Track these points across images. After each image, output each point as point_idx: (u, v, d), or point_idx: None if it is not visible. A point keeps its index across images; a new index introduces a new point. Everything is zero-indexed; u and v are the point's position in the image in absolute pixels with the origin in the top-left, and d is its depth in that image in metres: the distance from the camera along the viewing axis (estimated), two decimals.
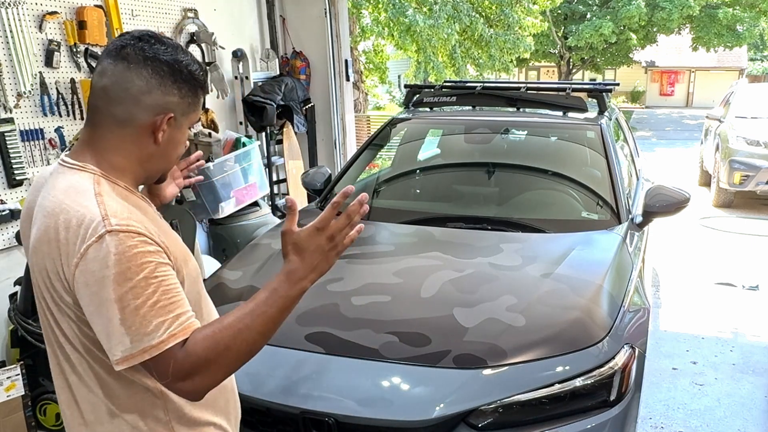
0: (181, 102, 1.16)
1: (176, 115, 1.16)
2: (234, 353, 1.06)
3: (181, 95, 1.15)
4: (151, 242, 1.05)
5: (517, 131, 3.61)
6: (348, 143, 5.68)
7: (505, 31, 11.97)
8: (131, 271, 1.02)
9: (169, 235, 1.17)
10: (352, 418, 1.75)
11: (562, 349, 1.90)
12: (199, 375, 1.04)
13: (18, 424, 2.81)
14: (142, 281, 1.02)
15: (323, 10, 5.19)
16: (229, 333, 1.05)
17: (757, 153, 7.04)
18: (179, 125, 1.18)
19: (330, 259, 1.14)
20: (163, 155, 1.19)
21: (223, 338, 1.05)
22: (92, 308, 1.03)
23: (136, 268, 1.02)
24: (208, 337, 1.04)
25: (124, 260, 1.01)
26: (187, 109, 1.18)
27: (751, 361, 3.60)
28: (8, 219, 2.98)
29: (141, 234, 1.05)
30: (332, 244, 1.13)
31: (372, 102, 17.89)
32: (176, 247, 1.15)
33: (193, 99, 1.18)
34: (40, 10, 3.11)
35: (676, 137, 16.66)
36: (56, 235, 1.06)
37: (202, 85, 1.20)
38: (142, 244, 1.04)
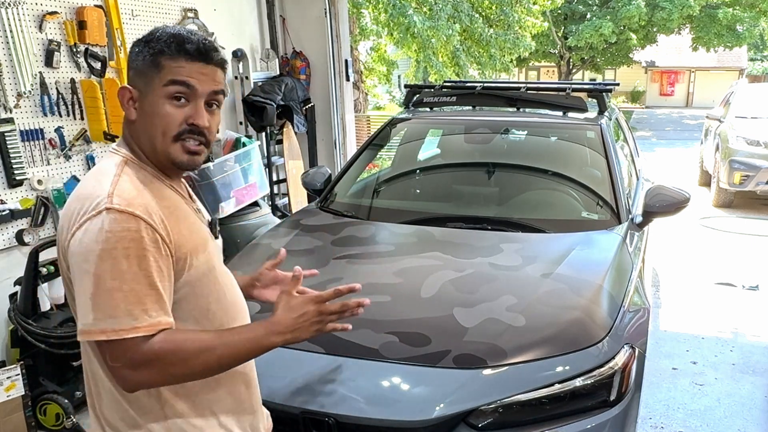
0: (138, 72, 1.18)
1: (136, 86, 1.18)
2: (188, 368, 1.11)
3: (136, 65, 1.18)
4: (148, 227, 1.07)
5: (517, 131, 3.61)
6: (348, 143, 5.68)
7: (505, 31, 11.97)
8: (117, 251, 1.04)
9: (184, 224, 1.18)
10: (352, 418, 1.75)
11: (562, 349, 1.90)
12: (148, 371, 1.07)
13: (18, 424, 2.81)
14: (123, 264, 1.04)
15: (323, 10, 5.19)
16: (194, 348, 1.10)
17: (757, 153, 7.04)
18: (144, 96, 1.17)
19: (309, 331, 1.19)
20: (143, 131, 1.18)
21: (186, 350, 1.09)
22: (74, 277, 1.08)
23: (122, 250, 1.04)
24: (175, 343, 1.08)
25: (113, 239, 1.04)
26: (146, 78, 1.16)
27: (751, 361, 3.60)
28: (8, 219, 2.98)
29: (138, 217, 1.06)
30: (318, 319, 1.19)
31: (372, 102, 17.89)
32: (188, 237, 1.17)
33: (151, 65, 1.16)
34: (40, 10, 3.11)
35: (676, 137, 16.66)
36: (70, 206, 1.13)
37: (161, 49, 1.15)
38: (137, 228, 1.06)
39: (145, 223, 1.07)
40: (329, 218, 2.98)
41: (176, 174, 1.26)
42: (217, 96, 1.21)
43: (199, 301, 1.20)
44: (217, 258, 1.30)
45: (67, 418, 2.90)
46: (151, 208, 1.10)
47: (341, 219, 2.95)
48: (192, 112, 1.17)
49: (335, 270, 2.39)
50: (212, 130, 1.22)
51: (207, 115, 1.19)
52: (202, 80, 1.17)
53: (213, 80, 1.19)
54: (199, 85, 1.17)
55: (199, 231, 1.23)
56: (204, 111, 1.19)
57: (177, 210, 1.19)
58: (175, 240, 1.13)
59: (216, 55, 1.21)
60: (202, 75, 1.17)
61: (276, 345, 1.16)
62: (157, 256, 1.08)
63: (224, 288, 1.28)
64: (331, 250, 2.59)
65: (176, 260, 1.13)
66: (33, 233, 3.11)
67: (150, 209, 1.09)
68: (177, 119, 1.16)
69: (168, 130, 1.17)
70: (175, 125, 1.17)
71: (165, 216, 1.12)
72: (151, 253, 1.07)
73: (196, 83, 1.17)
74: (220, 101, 1.23)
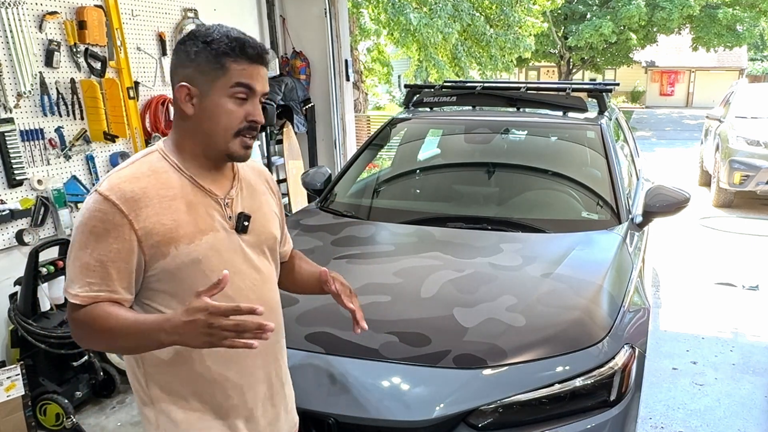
0: (197, 71, 1.25)
1: (196, 85, 1.25)
2: (96, 342, 1.28)
3: (195, 65, 1.25)
4: (116, 212, 1.19)
5: (517, 131, 3.61)
6: (348, 143, 5.68)
7: (505, 31, 11.97)
8: (85, 227, 1.21)
9: (173, 215, 1.24)
10: (352, 418, 1.75)
11: (562, 349, 1.90)
12: (77, 333, 1.25)
13: (18, 424, 2.81)
14: (87, 239, 1.21)
15: (323, 10, 5.19)
16: (102, 327, 1.20)
17: (757, 153, 7.04)
18: (206, 95, 1.25)
19: (197, 340, 1.11)
20: (201, 127, 1.28)
21: (95, 325, 1.20)
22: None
23: (90, 227, 1.20)
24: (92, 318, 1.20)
25: (85, 216, 1.22)
26: (208, 78, 1.24)
27: (751, 361, 3.60)
28: (8, 219, 2.98)
29: (110, 201, 1.20)
30: (207, 331, 1.10)
31: (372, 102, 17.89)
32: (168, 227, 1.23)
33: (214, 67, 1.24)
34: (40, 10, 3.11)
35: (676, 137, 16.66)
36: None
37: (225, 51, 1.24)
38: (105, 209, 1.20)
39: (115, 207, 1.19)
40: (329, 218, 2.98)
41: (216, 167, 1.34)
42: (266, 94, 1.33)
43: (180, 288, 1.26)
44: (218, 251, 1.30)
45: (67, 418, 2.90)
46: (133, 195, 1.21)
47: (341, 219, 2.95)
48: (251, 110, 1.28)
49: (335, 270, 2.38)
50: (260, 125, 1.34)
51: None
52: (260, 81, 1.29)
53: (266, 81, 1.32)
54: (257, 86, 1.28)
55: (193, 224, 1.26)
56: (259, 109, 1.30)
57: (175, 201, 1.25)
58: (147, 227, 1.21)
59: (268, 58, 1.33)
60: (260, 77, 1.29)
61: (163, 343, 1.15)
62: (116, 237, 1.20)
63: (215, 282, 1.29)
64: (331, 250, 2.59)
65: (146, 245, 1.22)
66: (33, 233, 3.11)
67: (126, 195, 1.20)
68: (239, 117, 1.27)
69: (231, 126, 1.27)
70: (237, 122, 1.27)
71: (150, 204, 1.22)
72: (111, 234, 1.20)
73: (256, 84, 1.28)
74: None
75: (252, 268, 1.36)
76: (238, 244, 1.34)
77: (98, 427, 3.06)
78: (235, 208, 1.35)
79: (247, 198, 1.39)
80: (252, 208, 1.39)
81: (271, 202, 1.49)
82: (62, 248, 3.08)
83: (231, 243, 1.33)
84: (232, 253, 1.32)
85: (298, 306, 2.12)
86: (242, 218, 1.34)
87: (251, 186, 1.43)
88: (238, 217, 1.34)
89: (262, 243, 1.40)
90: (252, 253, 1.37)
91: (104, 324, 1.19)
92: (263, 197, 1.46)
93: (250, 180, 1.43)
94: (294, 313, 2.08)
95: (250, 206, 1.38)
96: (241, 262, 1.34)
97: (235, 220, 1.34)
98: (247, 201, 1.39)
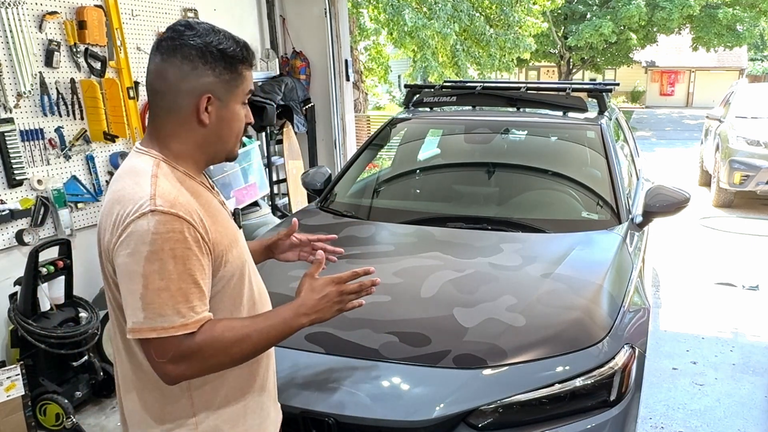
0: (218, 81, 1.20)
1: (217, 95, 1.21)
2: (228, 357, 1.17)
3: (216, 74, 1.19)
4: (190, 227, 1.11)
5: (517, 131, 3.61)
6: (348, 143, 5.67)
7: (505, 31, 11.96)
8: (164, 252, 1.08)
9: (218, 221, 1.23)
10: (352, 418, 1.75)
11: (562, 349, 1.90)
12: (190, 363, 1.12)
13: (18, 424, 2.81)
14: (170, 264, 1.08)
15: (323, 10, 5.19)
16: (231, 337, 1.15)
17: (757, 153, 7.04)
18: (225, 103, 1.23)
19: (331, 311, 1.29)
20: (218, 135, 1.25)
21: (225, 340, 1.14)
22: (121, 277, 1.12)
23: (169, 251, 1.08)
24: (214, 335, 1.13)
25: (159, 241, 1.08)
26: (228, 86, 1.22)
27: (751, 361, 3.60)
28: (8, 219, 2.98)
29: (182, 218, 1.10)
30: (339, 299, 1.29)
31: (372, 102, 17.88)
32: (223, 234, 1.21)
33: (232, 75, 1.22)
34: (40, 10, 3.11)
35: (676, 137, 16.66)
36: (111, 209, 1.15)
37: (241, 59, 1.23)
38: (181, 228, 1.10)
39: (187, 223, 1.11)
40: (329, 218, 2.98)
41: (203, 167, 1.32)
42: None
43: (231, 295, 1.26)
44: (247, 250, 1.35)
45: (67, 418, 2.90)
46: (191, 208, 1.14)
47: (341, 219, 2.95)
48: (247, 112, 1.30)
49: (335, 270, 2.38)
50: None
51: None
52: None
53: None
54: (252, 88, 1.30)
55: (230, 226, 1.28)
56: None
57: (210, 207, 1.23)
58: (214, 238, 1.17)
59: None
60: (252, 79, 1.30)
61: (303, 326, 1.26)
62: (199, 255, 1.13)
63: (252, 282, 1.34)
64: None
65: (214, 257, 1.18)
66: (33, 233, 3.10)
67: (190, 209, 1.14)
68: (243, 121, 1.29)
69: (240, 130, 1.29)
70: (242, 125, 1.30)
71: (202, 215, 1.16)
72: (194, 252, 1.12)
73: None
74: None
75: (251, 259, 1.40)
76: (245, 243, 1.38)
77: (98, 427, 3.06)
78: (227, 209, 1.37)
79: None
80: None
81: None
82: (62, 248, 3.08)
83: (244, 242, 1.37)
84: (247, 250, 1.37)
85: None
86: (236, 214, 1.39)
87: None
88: (234, 215, 1.37)
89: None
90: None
91: (236, 334, 1.16)
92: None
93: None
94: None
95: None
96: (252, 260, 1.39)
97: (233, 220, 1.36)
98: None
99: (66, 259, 3.07)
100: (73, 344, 2.97)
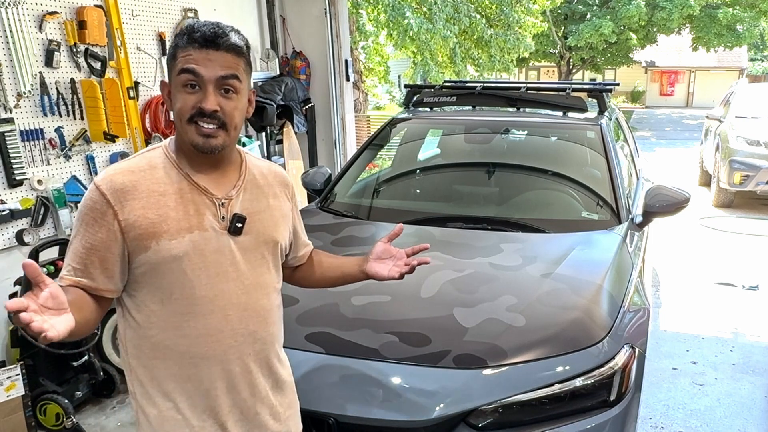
0: (168, 67, 1.29)
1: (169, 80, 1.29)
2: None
3: (167, 62, 1.30)
4: (103, 201, 1.22)
5: (517, 131, 3.61)
6: (348, 143, 5.67)
7: (505, 31, 11.96)
8: (79, 213, 1.26)
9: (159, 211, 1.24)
10: (352, 418, 1.75)
11: (562, 349, 1.90)
12: None
13: (18, 424, 2.81)
14: (78, 224, 1.26)
15: (323, 10, 5.19)
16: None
17: (757, 153, 7.04)
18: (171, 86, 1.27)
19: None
20: (174, 116, 1.28)
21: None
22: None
23: (82, 214, 1.25)
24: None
25: (81, 203, 1.26)
26: (170, 71, 1.26)
27: (751, 361, 3.60)
28: (8, 219, 2.98)
29: (100, 191, 1.23)
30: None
31: (372, 102, 17.88)
32: (151, 221, 1.23)
33: (172, 59, 1.26)
34: (40, 10, 3.11)
35: (676, 137, 16.65)
36: None
37: (176, 42, 1.25)
38: (95, 199, 1.23)
39: (103, 197, 1.22)
40: (329, 218, 2.98)
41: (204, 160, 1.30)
42: (227, 81, 1.24)
43: (161, 283, 1.26)
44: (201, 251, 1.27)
45: (67, 418, 2.90)
46: (119, 186, 1.23)
47: (341, 219, 2.95)
48: (202, 98, 1.22)
49: None
50: (228, 114, 1.25)
51: (218, 98, 1.23)
52: (209, 66, 1.21)
53: (220, 65, 1.23)
54: (204, 71, 1.21)
55: (179, 220, 1.25)
56: (212, 95, 1.22)
57: (164, 196, 1.25)
58: (131, 219, 1.22)
59: (224, 41, 1.24)
60: (209, 61, 1.22)
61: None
62: (101, 226, 1.22)
63: (195, 281, 1.27)
64: (331, 250, 2.58)
65: (129, 237, 1.23)
66: (33, 233, 3.11)
67: (116, 186, 1.23)
68: (188, 105, 1.23)
69: (183, 114, 1.24)
70: (187, 110, 1.23)
71: (138, 197, 1.23)
72: (98, 222, 1.23)
73: (202, 69, 1.21)
74: (234, 86, 1.26)
75: (238, 271, 1.32)
76: (227, 246, 1.30)
77: (98, 427, 3.06)
78: (231, 209, 1.32)
79: (250, 200, 1.36)
80: (253, 211, 1.35)
81: (281, 206, 1.44)
82: (62, 248, 3.08)
83: (219, 243, 1.29)
84: (217, 254, 1.29)
85: (298, 306, 2.12)
86: (236, 220, 1.31)
87: (258, 188, 1.39)
88: (232, 218, 1.31)
89: (260, 246, 1.36)
90: (244, 256, 1.33)
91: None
92: (271, 201, 1.41)
93: (258, 182, 1.40)
94: (294, 313, 2.08)
95: (250, 208, 1.35)
96: (227, 264, 1.31)
97: (229, 221, 1.31)
98: (249, 203, 1.35)
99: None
100: (73, 344, 2.97)
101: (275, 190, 1.44)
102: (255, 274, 1.36)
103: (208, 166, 1.31)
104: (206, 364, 1.31)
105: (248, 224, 1.33)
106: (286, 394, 1.50)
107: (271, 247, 1.40)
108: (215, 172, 1.32)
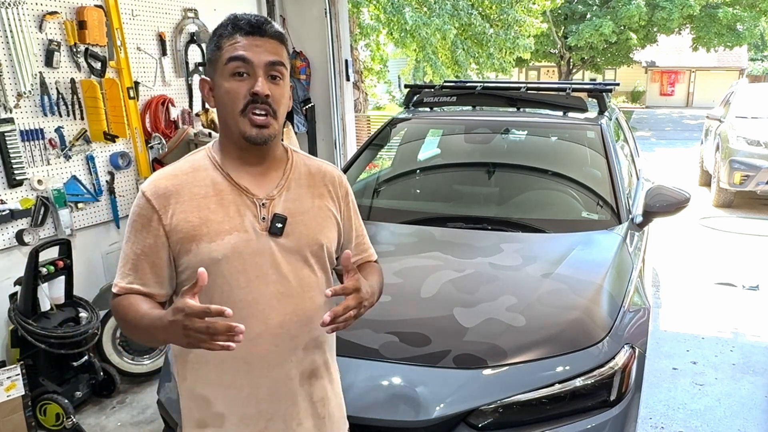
0: (209, 62, 1.28)
1: (210, 76, 1.27)
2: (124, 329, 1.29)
3: (208, 57, 1.28)
4: (149, 206, 1.24)
5: (518, 131, 3.61)
6: (348, 143, 5.67)
7: (505, 31, 11.96)
8: (130, 220, 1.28)
9: (200, 213, 1.24)
10: (351, 417, 1.74)
11: (562, 349, 1.90)
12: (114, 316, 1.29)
13: (18, 424, 2.81)
14: (128, 230, 1.28)
15: (323, 10, 5.18)
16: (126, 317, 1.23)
17: (758, 153, 7.04)
18: (215, 81, 1.25)
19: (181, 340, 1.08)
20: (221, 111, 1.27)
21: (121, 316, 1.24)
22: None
23: (131, 221, 1.27)
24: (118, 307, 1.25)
25: (131, 210, 1.28)
26: (213, 64, 1.26)
27: (751, 361, 3.60)
28: (8, 219, 2.98)
29: (146, 198, 1.25)
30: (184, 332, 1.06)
31: (372, 102, 17.88)
32: (193, 224, 1.23)
33: (214, 50, 1.25)
34: (40, 10, 3.11)
35: (676, 137, 16.65)
36: None
37: (220, 33, 1.24)
38: (142, 205, 1.25)
39: (147, 202, 1.24)
40: None
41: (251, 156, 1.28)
42: (275, 67, 1.24)
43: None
44: (240, 253, 1.24)
45: (67, 418, 2.90)
46: (162, 191, 1.24)
47: None
48: (253, 83, 1.21)
49: None
50: (277, 101, 1.24)
51: (269, 84, 1.23)
52: (257, 52, 1.22)
53: (268, 51, 1.23)
54: (254, 57, 1.21)
55: (219, 223, 1.23)
56: (264, 81, 1.22)
57: (206, 199, 1.25)
58: (174, 223, 1.23)
59: (269, 28, 1.24)
60: (256, 47, 1.22)
61: (161, 341, 1.21)
62: (149, 232, 1.24)
63: (233, 284, 1.24)
64: None
65: (173, 241, 1.24)
66: (33, 233, 3.10)
67: (159, 191, 1.24)
68: (241, 93, 1.21)
69: (235, 104, 1.22)
70: (240, 98, 1.22)
71: (181, 201, 1.24)
72: (146, 229, 1.24)
73: (252, 55, 1.21)
74: (282, 72, 1.25)
75: (279, 273, 1.27)
76: (267, 247, 1.26)
77: (98, 427, 3.06)
78: (272, 210, 1.27)
79: (293, 200, 1.30)
80: (295, 211, 1.29)
81: (328, 207, 1.37)
82: (62, 248, 3.08)
83: (259, 245, 1.25)
84: (257, 256, 1.25)
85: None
86: (276, 220, 1.26)
87: (303, 188, 1.33)
88: (273, 218, 1.26)
89: (302, 248, 1.30)
90: (285, 258, 1.27)
91: (126, 315, 1.23)
92: (316, 201, 1.34)
93: (304, 181, 1.34)
94: None
95: (293, 208, 1.29)
96: (267, 267, 1.26)
97: (269, 222, 1.26)
98: (291, 203, 1.30)
99: (66, 259, 3.07)
100: (73, 344, 2.97)
101: (321, 190, 1.37)
102: (297, 277, 1.29)
103: (254, 163, 1.28)
104: (246, 370, 1.28)
105: (290, 225, 1.28)
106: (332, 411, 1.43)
107: (316, 248, 1.32)
108: (258, 171, 1.29)
